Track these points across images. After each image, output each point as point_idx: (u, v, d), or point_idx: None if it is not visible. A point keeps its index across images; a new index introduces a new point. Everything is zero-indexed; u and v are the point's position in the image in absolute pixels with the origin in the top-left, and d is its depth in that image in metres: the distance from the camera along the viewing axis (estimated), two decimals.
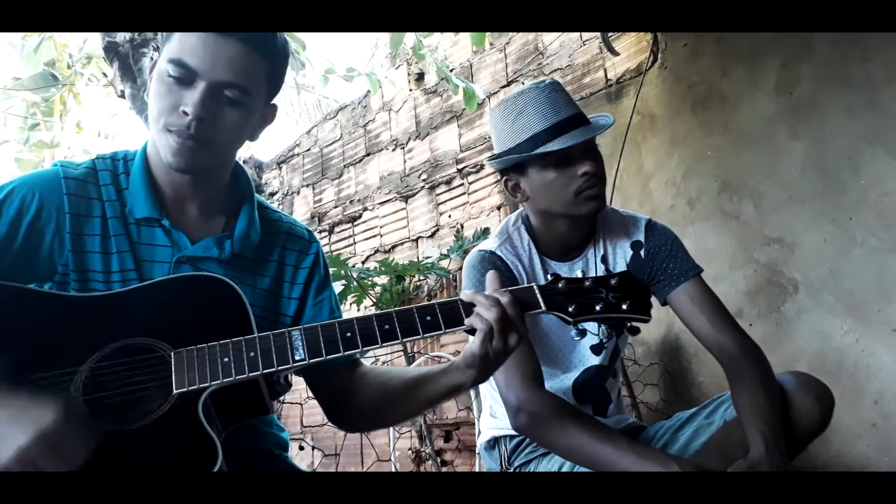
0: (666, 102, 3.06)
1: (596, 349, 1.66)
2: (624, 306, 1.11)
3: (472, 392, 3.02)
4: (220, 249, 1.21)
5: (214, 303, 1.09)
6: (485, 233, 3.54)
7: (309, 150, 5.01)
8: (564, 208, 1.55)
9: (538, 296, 1.11)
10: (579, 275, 1.15)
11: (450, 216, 3.96)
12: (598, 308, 1.11)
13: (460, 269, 3.90)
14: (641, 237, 1.65)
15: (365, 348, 1.07)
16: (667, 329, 2.85)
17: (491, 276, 1.11)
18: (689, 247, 1.67)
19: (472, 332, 1.08)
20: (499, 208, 3.70)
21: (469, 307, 1.08)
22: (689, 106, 2.98)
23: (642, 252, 1.64)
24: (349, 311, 3.93)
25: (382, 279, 3.79)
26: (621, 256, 1.64)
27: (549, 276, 1.14)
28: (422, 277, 3.92)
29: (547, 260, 1.64)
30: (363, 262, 4.34)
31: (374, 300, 3.68)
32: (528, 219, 1.66)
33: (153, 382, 1.00)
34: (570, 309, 1.10)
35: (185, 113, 1.10)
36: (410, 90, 4.30)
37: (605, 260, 1.63)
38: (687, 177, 2.93)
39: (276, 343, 1.05)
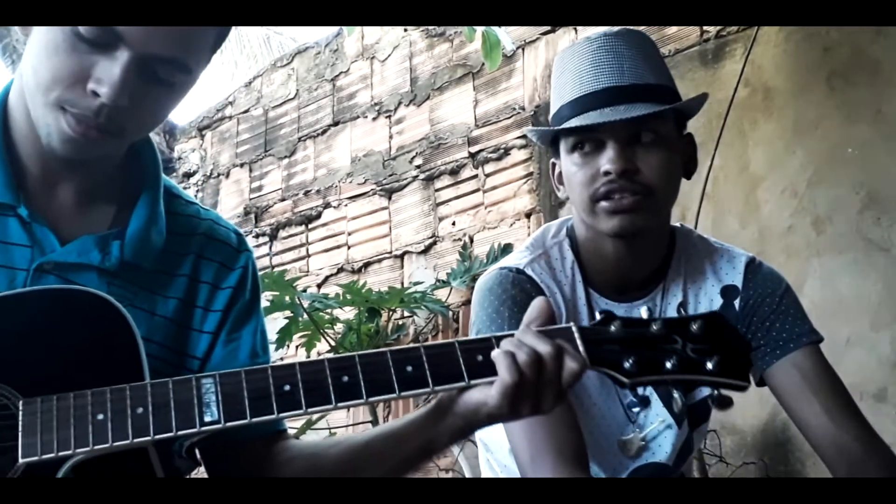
0: (789, 70, 3.07)
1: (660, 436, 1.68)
2: (709, 364, 1.11)
3: None
4: (103, 254, 1.21)
5: (88, 331, 1.09)
6: (505, 251, 3.54)
7: (247, 111, 5.03)
8: (586, 216, 1.60)
9: (578, 341, 1.12)
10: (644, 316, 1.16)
11: (454, 223, 3.97)
12: (668, 365, 1.11)
13: (466, 303, 3.88)
14: (738, 281, 1.70)
15: (311, 410, 1.06)
16: (771, 413, 2.83)
17: (538, 305, 1.14)
18: (813, 291, 1.68)
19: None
20: (528, 216, 3.70)
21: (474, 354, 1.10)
22: (825, 77, 2.98)
23: (737, 303, 1.68)
24: (294, 357, 3.91)
25: (347, 312, 3.79)
26: (705, 307, 1.69)
27: (597, 317, 1.16)
28: (407, 314, 3.92)
29: (596, 296, 1.67)
30: (319, 286, 4.34)
31: (333, 343, 3.69)
32: (574, 231, 1.70)
33: None
34: (627, 364, 1.10)
35: (94, 93, 1.10)
36: (405, 30, 4.32)
37: (683, 309, 1.67)
38: (815, 184, 2.93)
39: (178, 395, 1.05)
